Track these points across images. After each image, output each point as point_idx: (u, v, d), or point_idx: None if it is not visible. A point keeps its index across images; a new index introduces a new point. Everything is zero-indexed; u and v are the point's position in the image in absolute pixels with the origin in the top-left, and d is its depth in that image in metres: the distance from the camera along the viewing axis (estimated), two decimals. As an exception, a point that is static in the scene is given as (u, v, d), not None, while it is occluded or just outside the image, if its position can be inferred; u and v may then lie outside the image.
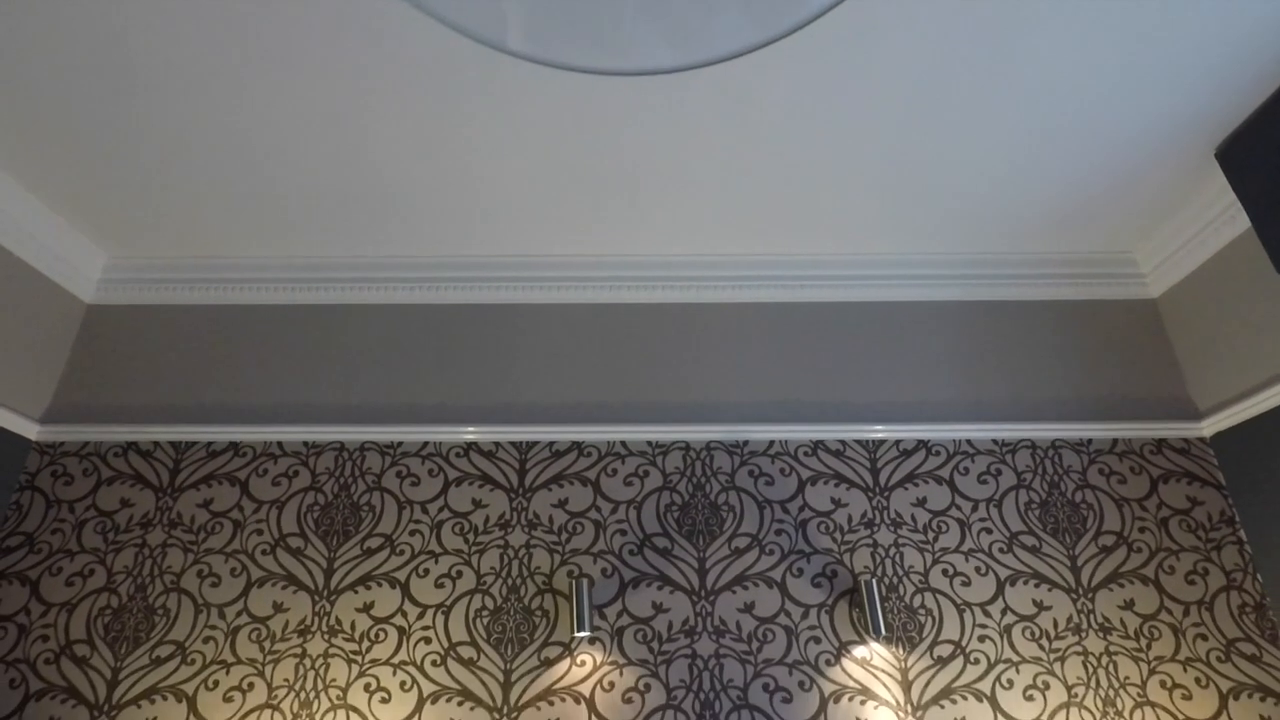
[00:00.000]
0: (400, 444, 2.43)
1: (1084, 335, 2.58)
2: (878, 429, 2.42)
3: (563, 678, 2.11)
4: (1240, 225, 2.25)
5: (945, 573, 2.24)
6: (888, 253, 2.64)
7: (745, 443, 2.43)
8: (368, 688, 2.10)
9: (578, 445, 2.43)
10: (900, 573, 2.24)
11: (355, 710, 2.07)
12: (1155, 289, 2.62)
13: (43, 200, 2.34)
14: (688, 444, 2.43)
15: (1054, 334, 2.59)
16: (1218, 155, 2.12)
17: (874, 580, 2.13)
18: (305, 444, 2.43)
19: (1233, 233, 2.27)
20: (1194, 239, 2.40)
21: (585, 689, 2.10)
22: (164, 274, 2.66)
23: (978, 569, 2.24)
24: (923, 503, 2.34)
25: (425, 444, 2.43)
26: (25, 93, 1.92)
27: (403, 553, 2.27)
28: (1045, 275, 2.65)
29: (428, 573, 2.24)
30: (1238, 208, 2.24)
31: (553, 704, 2.08)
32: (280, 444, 2.43)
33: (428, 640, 2.16)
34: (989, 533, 2.29)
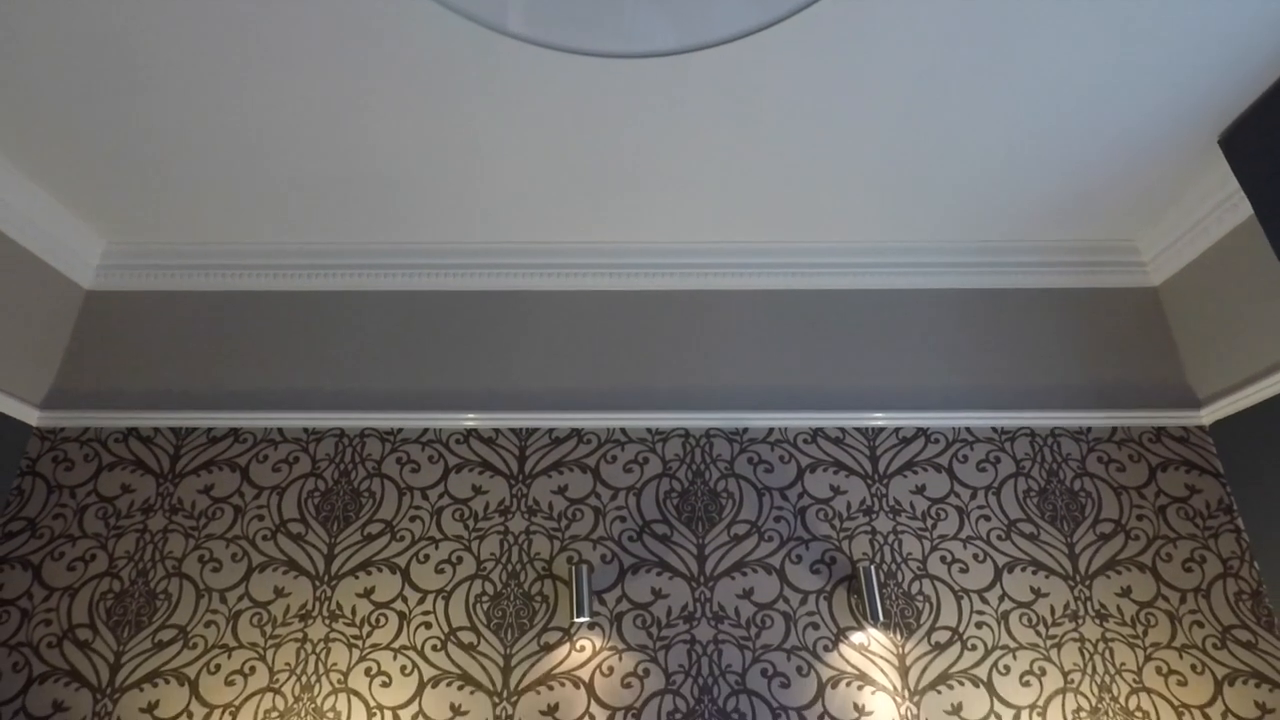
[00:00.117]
0: (400, 430, 2.44)
1: (1084, 323, 2.58)
2: (877, 416, 2.42)
3: (562, 662, 2.13)
4: (1242, 213, 2.24)
5: (943, 560, 2.25)
6: (888, 240, 2.63)
7: (745, 430, 2.43)
8: (368, 672, 2.11)
9: (577, 432, 2.43)
10: (899, 560, 2.25)
11: (356, 694, 2.09)
12: (1156, 277, 2.62)
13: (41, 185, 2.34)
14: (687, 431, 2.43)
15: (1054, 322, 2.58)
16: (1221, 142, 2.11)
17: (872, 567, 2.14)
18: (305, 430, 2.43)
19: (1235, 220, 2.27)
20: (1196, 227, 2.40)
21: (585, 674, 2.11)
22: (163, 260, 2.66)
23: (976, 556, 2.25)
24: (921, 490, 2.34)
25: (425, 430, 2.44)
26: (23, 77, 1.91)
27: (403, 538, 2.28)
28: (1046, 263, 2.64)
29: (428, 558, 2.25)
30: (1240, 196, 2.23)
31: (552, 688, 2.09)
32: (280, 430, 2.43)
33: (428, 625, 2.17)
34: (987, 520, 2.30)
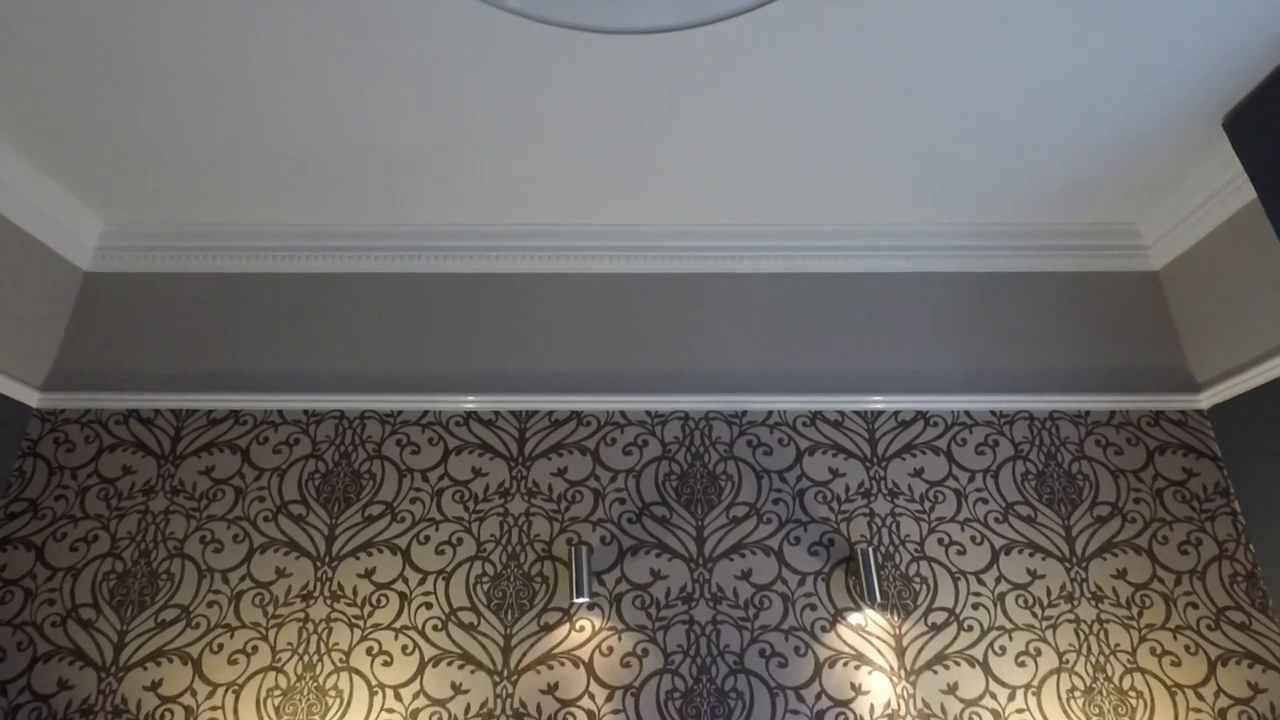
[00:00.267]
0: (400, 412, 2.44)
1: (1085, 307, 2.57)
2: (876, 400, 2.43)
3: (562, 642, 2.14)
4: (1244, 197, 2.23)
5: (941, 542, 2.26)
6: (888, 223, 2.62)
7: (744, 413, 2.44)
8: (370, 651, 2.13)
9: (577, 414, 2.44)
10: (896, 542, 2.26)
11: (358, 673, 2.11)
12: (1157, 261, 2.61)
13: (38, 166, 2.32)
14: (686, 414, 2.44)
15: (1054, 306, 2.58)
16: (1225, 125, 2.10)
17: (870, 549, 2.15)
18: (305, 412, 2.44)
19: (1237, 204, 2.25)
20: (1198, 210, 2.38)
21: (584, 653, 2.13)
22: (162, 241, 2.65)
23: (973, 538, 2.26)
24: (920, 473, 2.35)
25: (425, 413, 2.44)
26: (18, 55, 1.89)
27: (403, 520, 2.29)
28: (1047, 247, 2.63)
29: (428, 540, 2.27)
30: (1242, 180, 2.21)
31: (552, 668, 2.11)
32: (280, 412, 2.44)
33: (429, 605, 2.19)
34: (985, 503, 2.31)
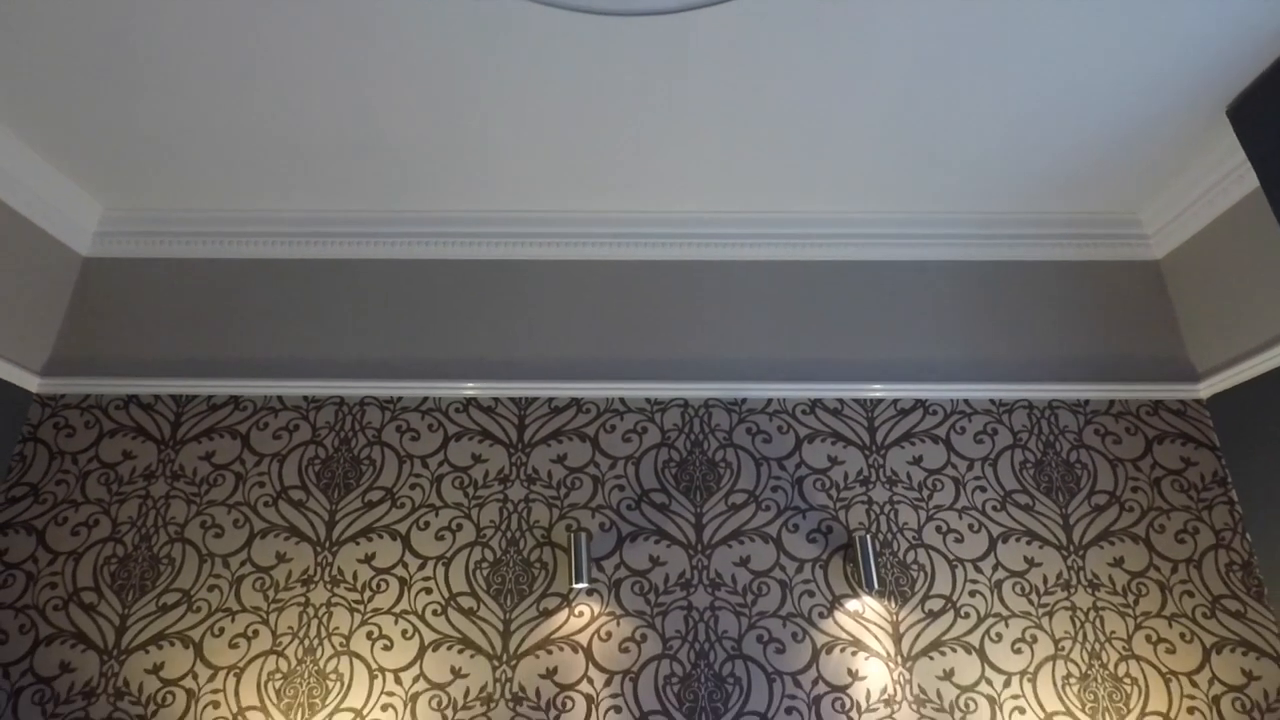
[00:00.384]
0: (400, 399, 2.44)
1: (1085, 297, 2.57)
2: (876, 388, 2.43)
3: (561, 627, 2.16)
4: (1247, 186, 2.22)
5: (939, 529, 2.27)
6: (889, 212, 2.61)
7: (743, 400, 2.44)
8: (370, 635, 2.14)
9: (576, 402, 2.44)
10: (894, 529, 2.27)
11: (358, 657, 2.12)
12: (1159, 250, 2.60)
13: (35, 149, 2.31)
14: (686, 401, 2.44)
15: (1055, 295, 2.57)
16: (1229, 113, 2.08)
17: (868, 536, 2.16)
18: (305, 398, 2.44)
19: (1240, 193, 2.25)
20: (1200, 200, 2.37)
21: (583, 638, 2.15)
22: (161, 227, 2.64)
23: (971, 526, 2.27)
24: (919, 461, 2.35)
25: (425, 399, 2.44)
26: (19, 42, 1.88)
27: (403, 506, 2.30)
28: (1048, 236, 2.62)
29: (428, 525, 2.27)
30: (1245, 168, 2.20)
31: (551, 653, 2.13)
32: (280, 398, 2.44)
33: (428, 591, 2.20)
34: (983, 491, 2.32)
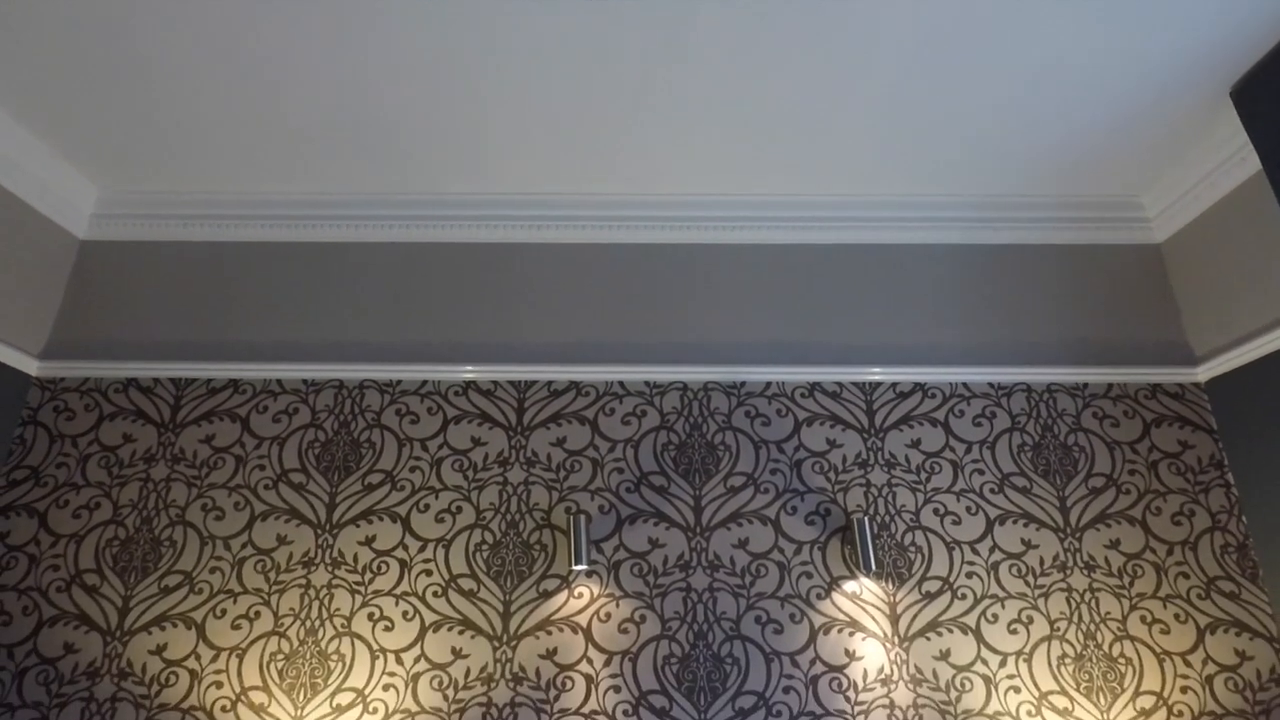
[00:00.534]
0: (399, 382, 2.44)
1: (1085, 280, 2.56)
2: (875, 371, 2.43)
3: (561, 608, 2.17)
4: (1249, 169, 2.21)
5: (936, 512, 2.28)
6: (889, 195, 2.60)
7: (742, 383, 2.44)
8: (371, 616, 2.16)
9: (576, 385, 2.44)
10: (892, 511, 2.28)
11: (360, 638, 2.14)
12: (1160, 234, 2.59)
13: (30, 130, 2.29)
14: (685, 384, 2.44)
15: (1055, 278, 2.57)
16: (1233, 95, 2.07)
17: (866, 518, 2.17)
18: (305, 381, 2.44)
19: (1242, 175, 2.24)
20: (1202, 183, 2.36)
21: (583, 619, 2.16)
22: (158, 209, 2.63)
23: (968, 509, 2.28)
24: (917, 444, 2.36)
25: (424, 382, 2.44)
26: (15, 22, 1.85)
27: (403, 488, 2.31)
28: (1048, 219, 2.61)
29: (428, 508, 2.28)
30: (1248, 150, 2.19)
31: (550, 634, 2.14)
32: (280, 381, 2.44)
33: (429, 572, 2.21)
34: (981, 474, 2.32)
